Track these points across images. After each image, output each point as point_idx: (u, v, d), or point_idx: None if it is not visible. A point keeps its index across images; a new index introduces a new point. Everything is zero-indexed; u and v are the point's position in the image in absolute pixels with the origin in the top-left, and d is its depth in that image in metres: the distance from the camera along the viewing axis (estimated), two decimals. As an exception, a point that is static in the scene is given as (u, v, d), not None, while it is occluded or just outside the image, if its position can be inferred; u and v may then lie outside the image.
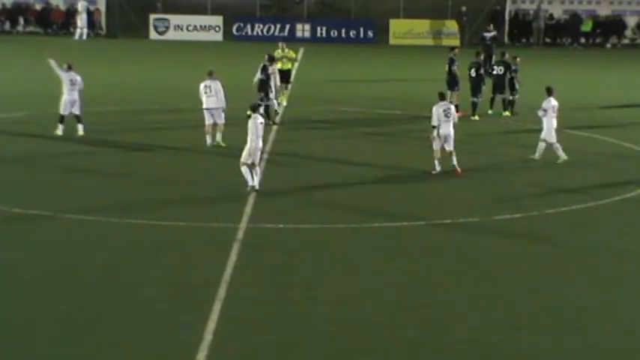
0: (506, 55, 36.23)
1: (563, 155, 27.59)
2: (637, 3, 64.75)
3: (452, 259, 19.16)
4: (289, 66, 35.73)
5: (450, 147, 25.79)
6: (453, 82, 35.19)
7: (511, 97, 35.43)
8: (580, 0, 64.47)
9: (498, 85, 35.45)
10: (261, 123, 23.53)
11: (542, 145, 27.74)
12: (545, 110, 27.57)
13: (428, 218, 21.87)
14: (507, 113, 35.23)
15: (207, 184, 24.26)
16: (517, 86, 35.32)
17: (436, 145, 25.85)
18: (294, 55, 36.21)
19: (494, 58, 40.30)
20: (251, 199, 22.77)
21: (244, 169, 23.43)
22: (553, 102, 27.69)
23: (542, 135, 27.74)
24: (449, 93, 35.20)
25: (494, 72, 35.52)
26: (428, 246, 20.12)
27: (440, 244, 20.27)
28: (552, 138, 27.56)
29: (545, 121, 27.58)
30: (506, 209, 22.65)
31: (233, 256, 18.67)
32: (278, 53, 35.35)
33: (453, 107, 26.80)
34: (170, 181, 24.57)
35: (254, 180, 23.45)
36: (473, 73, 35.22)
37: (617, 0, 64.51)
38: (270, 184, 24.21)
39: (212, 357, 14.23)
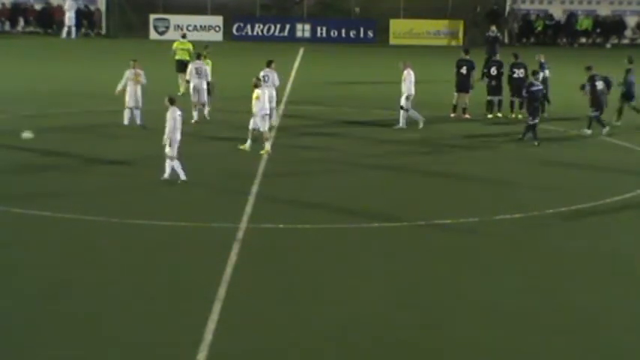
0: (520, 57, 35.50)
1: (268, 147, 27.71)
2: (637, 3, 64.70)
3: (452, 259, 19.16)
4: (187, 57, 37.96)
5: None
6: (467, 83, 34.50)
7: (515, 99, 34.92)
8: (580, 0, 64.43)
9: (519, 88, 34.27)
10: (180, 115, 24.07)
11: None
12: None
13: (428, 218, 21.87)
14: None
15: (206, 184, 24.25)
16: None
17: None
18: (190, 46, 38.73)
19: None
20: (251, 199, 22.77)
21: (176, 164, 23.85)
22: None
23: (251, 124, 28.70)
24: (456, 95, 34.79)
25: (515, 75, 34.19)
26: (428, 246, 20.12)
27: (440, 244, 20.27)
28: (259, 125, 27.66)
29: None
30: (506, 209, 22.65)
31: (233, 256, 18.67)
32: (177, 44, 39.04)
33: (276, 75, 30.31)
34: (170, 181, 24.55)
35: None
36: (494, 71, 34.74)
37: (617, 0, 64.49)
38: (269, 184, 24.22)
39: (212, 357, 14.24)
